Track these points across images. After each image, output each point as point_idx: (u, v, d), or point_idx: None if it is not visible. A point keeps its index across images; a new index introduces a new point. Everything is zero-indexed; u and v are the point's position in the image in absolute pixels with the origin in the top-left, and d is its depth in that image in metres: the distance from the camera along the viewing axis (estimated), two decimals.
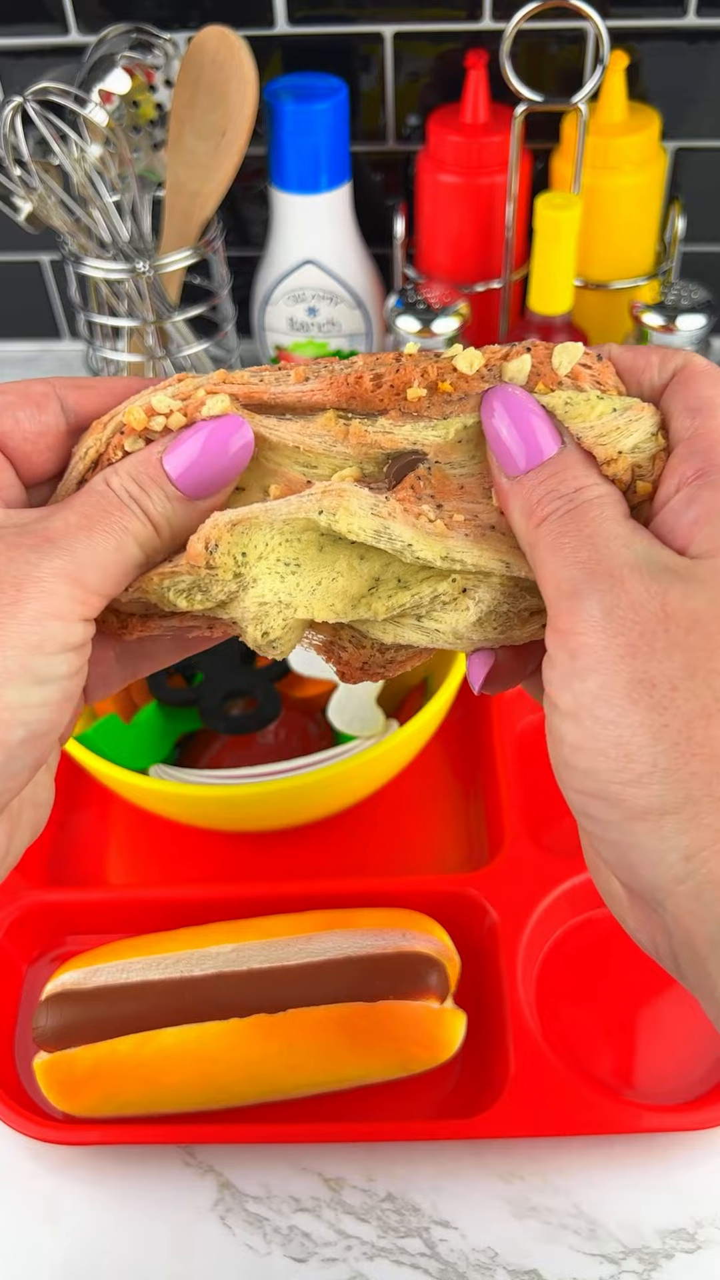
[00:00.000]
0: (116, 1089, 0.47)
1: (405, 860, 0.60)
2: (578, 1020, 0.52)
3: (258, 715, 0.59)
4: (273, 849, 0.60)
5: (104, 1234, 0.47)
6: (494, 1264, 0.46)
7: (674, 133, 0.77)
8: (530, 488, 0.28)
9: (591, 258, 0.74)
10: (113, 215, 0.67)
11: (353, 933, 0.49)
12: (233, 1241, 0.47)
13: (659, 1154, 0.48)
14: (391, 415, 0.30)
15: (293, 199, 0.73)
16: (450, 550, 0.29)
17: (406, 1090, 0.50)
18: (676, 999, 0.53)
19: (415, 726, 0.54)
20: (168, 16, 0.74)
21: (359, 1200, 0.48)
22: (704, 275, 0.82)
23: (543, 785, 0.62)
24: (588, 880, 0.55)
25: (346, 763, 0.53)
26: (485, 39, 0.73)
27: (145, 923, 0.55)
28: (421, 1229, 0.47)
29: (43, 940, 0.56)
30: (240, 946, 0.49)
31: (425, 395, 0.30)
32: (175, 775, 0.57)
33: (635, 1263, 0.45)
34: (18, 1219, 0.48)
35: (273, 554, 0.30)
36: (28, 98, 0.62)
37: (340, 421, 0.30)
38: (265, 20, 0.74)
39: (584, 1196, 0.47)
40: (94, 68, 0.67)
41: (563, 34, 0.73)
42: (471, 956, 0.53)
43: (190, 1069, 0.47)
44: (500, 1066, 0.49)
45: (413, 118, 0.78)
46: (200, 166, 0.68)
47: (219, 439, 0.30)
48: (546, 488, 0.28)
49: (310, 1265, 0.46)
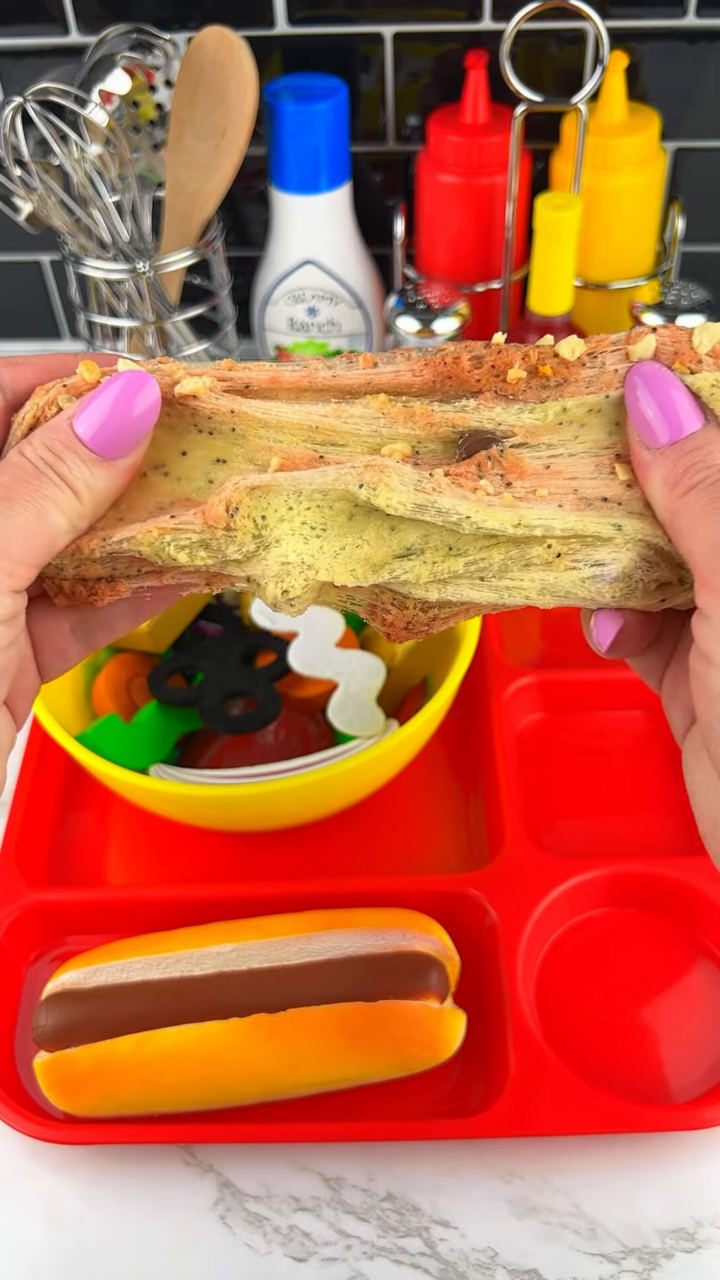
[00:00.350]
0: (116, 1089, 0.47)
1: (405, 860, 0.60)
2: (578, 1020, 0.52)
3: (258, 715, 0.59)
4: (273, 849, 0.60)
5: (104, 1233, 0.47)
6: (494, 1263, 0.46)
7: (674, 133, 0.77)
8: (674, 459, 0.29)
9: (591, 258, 0.74)
10: (113, 215, 0.67)
11: (353, 932, 0.49)
12: (233, 1241, 0.47)
13: (659, 1153, 0.48)
14: (485, 397, 0.32)
15: (293, 199, 0.73)
16: (525, 518, 0.30)
17: (406, 1090, 0.50)
18: (677, 998, 0.53)
19: (415, 726, 0.54)
20: (168, 17, 0.74)
21: (359, 1200, 0.48)
22: (704, 275, 0.82)
23: (543, 784, 0.62)
24: (588, 880, 0.55)
25: (346, 763, 0.53)
26: (485, 39, 0.73)
27: (145, 922, 0.55)
28: (421, 1228, 0.47)
29: (43, 940, 0.57)
30: (240, 946, 0.49)
31: (525, 378, 0.31)
32: (175, 775, 0.57)
33: (635, 1262, 0.45)
34: (18, 1219, 0.48)
35: (297, 517, 0.31)
36: (28, 98, 0.62)
37: (397, 404, 0.32)
38: (265, 20, 0.74)
39: (584, 1196, 0.47)
40: (94, 68, 0.67)
41: (562, 34, 0.73)
42: (471, 956, 0.54)
43: (190, 1069, 0.47)
44: (500, 1066, 0.49)
45: (413, 118, 0.78)
46: (200, 167, 0.68)
47: (126, 397, 0.30)
48: (692, 459, 0.29)
49: (310, 1265, 0.46)
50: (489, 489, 0.31)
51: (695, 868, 0.55)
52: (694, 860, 0.55)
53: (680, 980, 0.54)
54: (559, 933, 0.55)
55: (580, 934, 0.55)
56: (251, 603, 0.63)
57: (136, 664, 0.64)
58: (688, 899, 0.55)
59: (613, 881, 0.55)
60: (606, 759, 0.64)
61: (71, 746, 0.54)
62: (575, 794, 0.62)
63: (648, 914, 0.56)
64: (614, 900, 0.56)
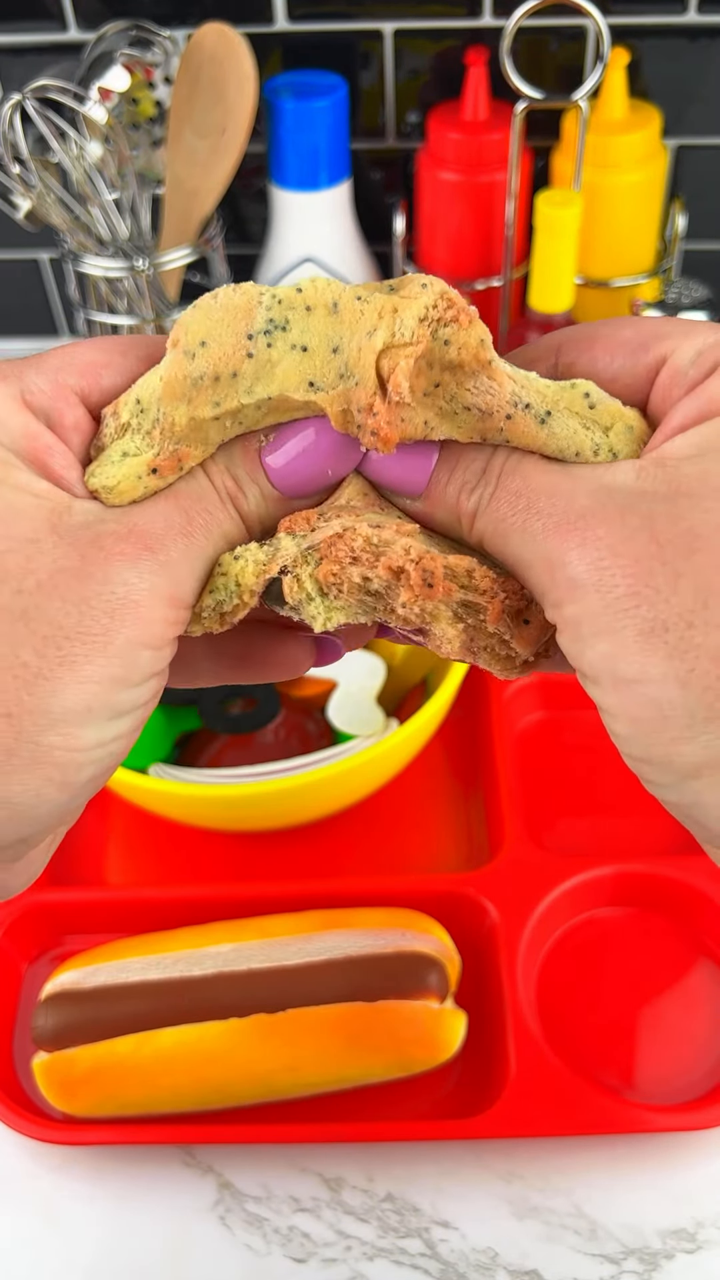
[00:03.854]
0: (115, 1089, 0.47)
1: (405, 860, 0.60)
2: (578, 1020, 0.52)
3: (257, 715, 0.59)
4: (272, 849, 0.60)
5: (103, 1234, 0.47)
6: (494, 1264, 0.46)
7: (675, 130, 0.76)
8: (438, 496, 0.26)
9: (592, 255, 0.74)
10: (112, 213, 0.67)
11: (352, 932, 0.49)
12: (232, 1242, 0.47)
13: (659, 1154, 0.48)
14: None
15: (292, 196, 0.73)
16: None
17: (407, 1090, 0.50)
18: (677, 998, 0.53)
19: (415, 726, 0.54)
20: (167, 13, 0.74)
21: (359, 1200, 0.48)
22: (704, 273, 0.82)
23: (543, 784, 0.62)
24: (588, 880, 0.55)
25: (346, 762, 0.53)
26: (485, 36, 0.73)
27: (144, 922, 0.55)
28: (421, 1229, 0.47)
29: (42, 940, 0.56)
30: (240, 946, 0.49)
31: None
32: (175, 775, 0.57)
33: (636, 1263, 0.45)
34: (17, 1219, 0.48)
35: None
36: (27, 95, 0.62)
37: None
38: (265, 17, 0.73)
39: (584, 1197, 0.47)
40: (93, 65, 0.67)
41: (563, 31, 0.73)
42: (472, 956, 0.53)
43: (189, 1069, 0.47)
44: (500, 1066, 0.49)
45: (413, 115, 0.78)
46: (199, 164, 0.68)
47: (328, 437, 0.26)
48: (455, 485, 0.26)
49: (310, 1265, 0.46)
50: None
51: (696, 867, 0.55)
52: (695, 860, 0.55)
53: (681, 980, 0.54)
54: (559, 933, 0.55)
55: (581, 934, 0.55)
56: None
57: None
58: (688, 899, 0.55)
59: (613, 881, 0.55)
60: (607, 758, 0.63)
61: None
62: (575, 793, 0.62)
63: (648, 914, 0.56)
64: (614, 900, 0.56)
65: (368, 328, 0.25)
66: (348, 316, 0.25)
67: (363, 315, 0.25)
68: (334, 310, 0.25)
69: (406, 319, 0.25)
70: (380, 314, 0.25)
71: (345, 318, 0.25)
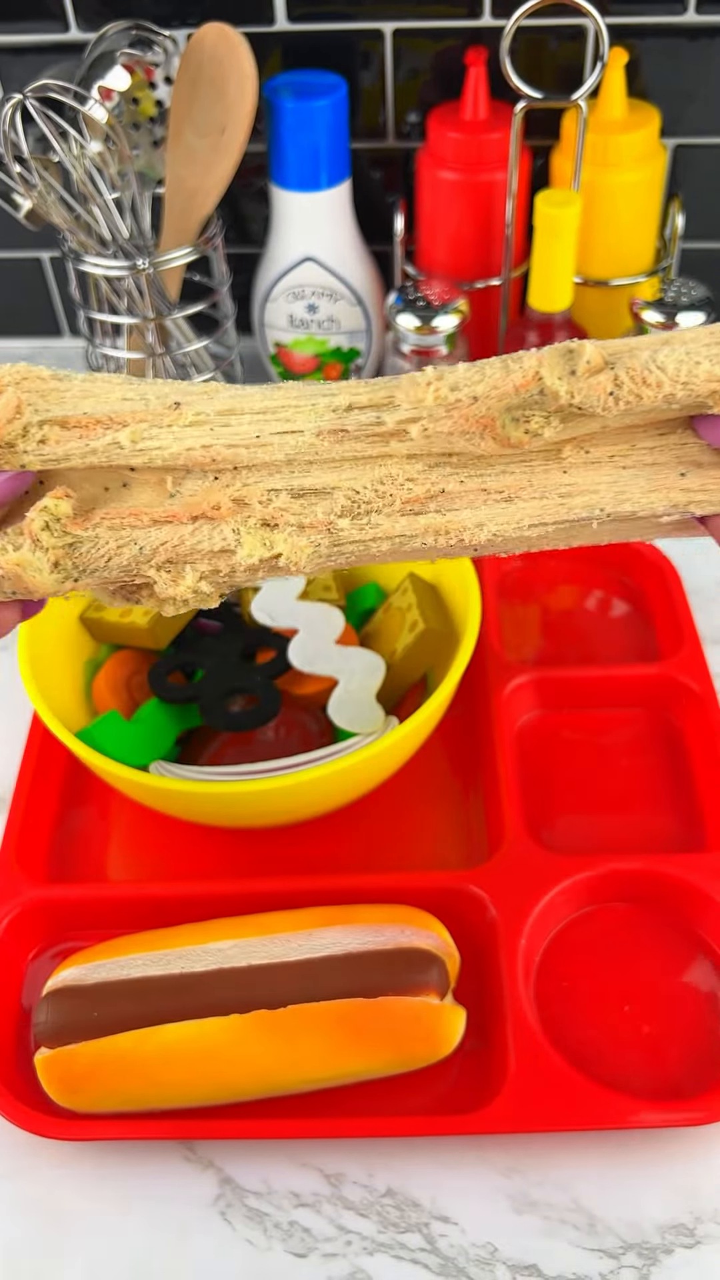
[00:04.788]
0: (117, 1085, 0.47)
1: (405, 856, 0.60)
2: (577, 1016, 0.52)
3: (258, 712, 0.59)
4: (273, 845, 0.60)
5: (104, 1229, 0.47)
6: (494, 1259, 0.46)
7: (674, 129, 0.77)
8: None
9: (591, 255, 0.74)
10: (112, 212, 0.67)
11: (353, 929, 0.49)
12: (233, 1236, 0.47)
13: (658, 1149, 0.48)
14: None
15: (292, 196, 0.73)
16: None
17: (406, 1086, 0.50)
18: (677, 994, 0.53)
19: (415, 723, 0.54)
20: (167, 13, 0.74)
21: (359, 1195, 0.48)
22: (703, 272, 0.82)
23: (543, 782, 0.62)
24: (588, 877, 0.55)
25: (346, 759, 0.53)
26: (485, 36, 0.73)
27: (146, 919, 0.55)
28: (421, 1224, 0.47)
29: (43, 936, 0.57)
30: (241, 943, 0.49)
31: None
32: (176, 772, 0.57)
33: (635, 1258, 0.46)
34: (19, 1214, 0.48)
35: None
36: (27, 95, 0.62)
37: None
38: (265, 17, 0.74)
39: (584, 1191, 0.47)
40: (94, 65, 0.67)
41: (562, 31, 0.73)
42: (471, 952, 0.54)
43: (191, 1065, 0.47)
44: (500, 1062, 0.49)
45: (412, 115, 0.78)
46: (200, 163, 0.68)
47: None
48: None
49: (310, 1260, 0.46)
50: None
51: (695, 864, 0.55)
52: (694, 857, 0.56)
53: (680, 976, 0.54)
54: (559, 929, 0.55)
55: (580, 930, 0.55)
56: (252, 600, 0.63)
57: (137, 661, 0.64)
58: (687, 895, 0.55)
59: (612, 878, 0.55)
60: (606, 756, 0.64)
61: (72, 743, 0.54)
62: (575, 791, 0.62)
63: (647, 910, 0.56)
64: (614, 897, 0.56)
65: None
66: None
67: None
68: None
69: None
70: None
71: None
